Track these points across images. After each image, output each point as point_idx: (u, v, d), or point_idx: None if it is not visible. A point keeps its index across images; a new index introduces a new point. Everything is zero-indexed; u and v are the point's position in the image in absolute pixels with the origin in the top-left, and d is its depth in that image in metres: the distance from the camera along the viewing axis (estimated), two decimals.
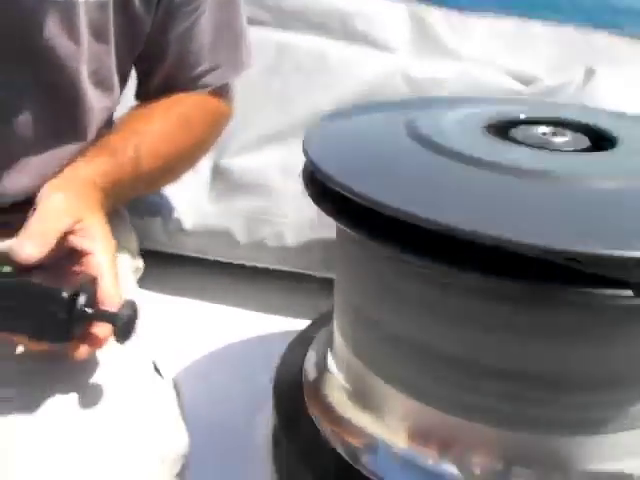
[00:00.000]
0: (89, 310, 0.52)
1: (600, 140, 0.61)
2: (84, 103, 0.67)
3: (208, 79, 0.78)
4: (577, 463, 0.58)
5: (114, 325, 0.52)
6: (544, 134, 0.61)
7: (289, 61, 1.06)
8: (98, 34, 0.66)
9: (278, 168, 0.98)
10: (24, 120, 0.65)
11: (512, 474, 0.59)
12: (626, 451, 0.58)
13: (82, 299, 0.52)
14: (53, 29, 0.63)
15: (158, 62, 0.75)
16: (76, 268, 0.55)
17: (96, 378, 0.59)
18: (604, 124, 0.63)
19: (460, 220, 0.49)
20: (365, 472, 0.62)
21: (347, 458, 0.63)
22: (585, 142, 0.61)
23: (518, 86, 1.02)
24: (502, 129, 0.63)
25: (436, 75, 1.03)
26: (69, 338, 0.52)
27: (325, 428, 0.65)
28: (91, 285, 0.53)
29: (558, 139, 0.60)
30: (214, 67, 0.78)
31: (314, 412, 0.67)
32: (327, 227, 0.93)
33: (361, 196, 0.54)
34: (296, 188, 0.96)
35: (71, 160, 0.66)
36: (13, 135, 0.65)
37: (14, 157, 0.66)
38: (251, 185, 0.97)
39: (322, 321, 0.77)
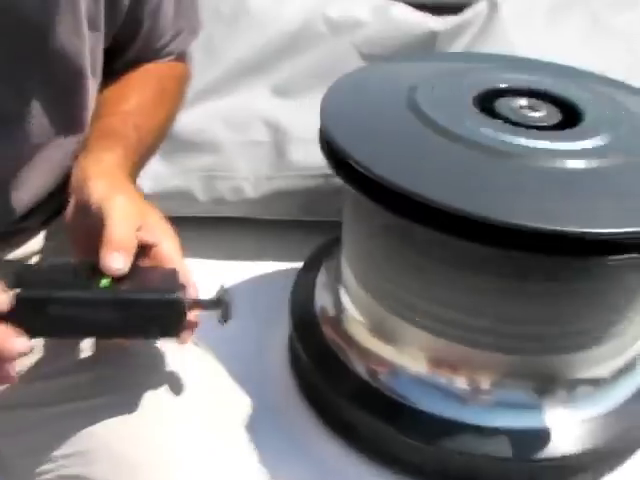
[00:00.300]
0: (196, 301, 0.59)
1: (570, 112, 0.76)
2: (87, 95, 0.71)
3: (172, 47, 0.82)
4: (561, 375, 0.75)
5: (219, 309, 0.59)
6: (522, 107, 0.76)
7: (208, 10, 1.11)
8: (93, 25, 0.69)
9: (220, 121, 1.05)
10: (36, 120, 0.68)
11: (510, 387, 0.74)
12: (597, 362, 0.76)
13: (183, 294, 0.58)
14: (61, 27, 0.66)
15: (131, 39, 0.78)
16: (147, 261, 0.60)
17: (159, 367, 0.67)
18: (574, 94, 0.78)
19: (449, 197, 0.65)
20: (386, 391, 0.76)
21: (368, 380, 0.77)
22: (557, 116, 0.76)
23: (432, 22, 1.13)
24: (487, 100, 0.77)
25: (354, 15, 1.12)
26: (179, 332, 0.59)
27: (345, 356, 0.79)
28: (175, 276, 0.59)
29: (534, 114, 0.75)
30: (176, 34, 0.82)
31: (333, 342, 0.81)
32: (284, 178, 1.04)
33: (367, 170, 0.68)
34: (241, 139, 1.06)
35: (75, 152, 0.70)
36: (26, 136, 0.68)
37: (27, 159, 0.69)
38: (198, 143, 1.04)
39: (317, 259, 0.91)
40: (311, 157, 1.02)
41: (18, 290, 0.55)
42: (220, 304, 0.59)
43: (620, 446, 0.78)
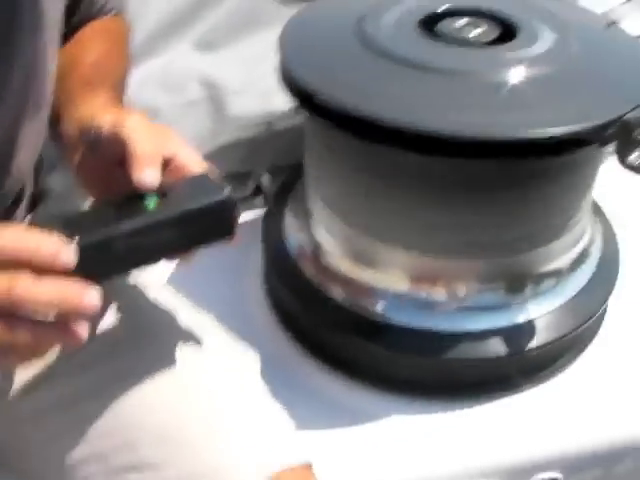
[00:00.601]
0: (243, 195, 0.63)
1: (508, 27, 0.83)
2: (52, 64, 0.72)
3: (109, 4, 0.85)
4: (527, 272, 0.83)
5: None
6: (462, 27, 0.82)
7: None
8: None
9: (153, 85, 1.07)
10: (13, 94, 0.68)
11: (485, 291, 0.83)
12: (557, 255, 0.85)
13: (229, 191, 0.60)
14: None
15: (78, 2, 0.80)
16: (170, 174, 0.61)
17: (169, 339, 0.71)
18: (512, 11, 0.85)
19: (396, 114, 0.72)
20: (372, 315, 0.82)
21: (353, 307, 0.83)
22: (495, 31, 0.83)
23: None
24: (430, 24, 0.83)
25: None
26: (234, 230, 0.61)
27: (327, 288, 0.85)
28: (210, 178, 0.60)
29: (473, 31, 0.82)
30: None
31: (314, 277, 0.87)
32: (227, 132, 1.07)
33: (322, 98, 0.75)
34: (179, 101, 1.08)
35: (40, 130, 0.72)
36: (6, 112, 0.68)
37: (7, 137, 0.69)
38: (137, 110, 1.05)
39: (278, 202, 0.95)
40: (249, 107, 1.07)
41: (76, 238, 0.54)
42: (263, 190, 0.62)
43: (588, 327, 0.88)
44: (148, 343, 0.71)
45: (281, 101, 1.01)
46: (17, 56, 0.66)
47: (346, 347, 0.85)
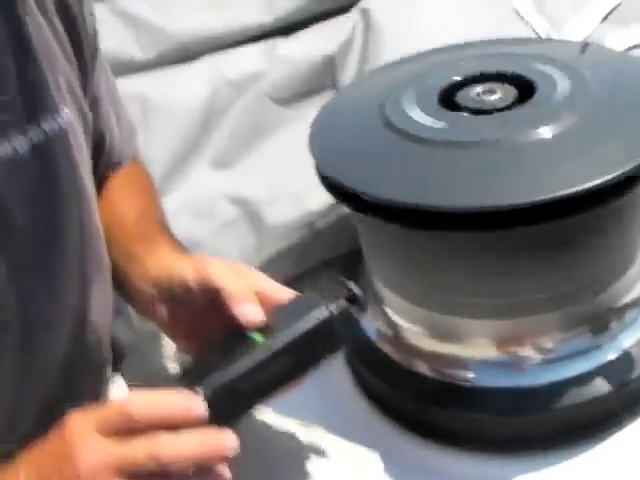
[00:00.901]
0: (343, 308, 0.64)
1: (524, 87, 0.86)
2: (95, 221, 0.75)
3: (126, 151, 0.88)
4: (609, 307, 0.86)
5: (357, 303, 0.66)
6: (479, 94, 0.86)
7: None
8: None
9: (185, 215, 1.10)
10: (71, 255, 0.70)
11: (571, 337, 0.85)
12: (633, 282, 0.87)
13: (329, 305, 0.63)
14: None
15: (99, 153, 0.82)
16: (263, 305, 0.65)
17: None
18: (526, 69, 0.88)
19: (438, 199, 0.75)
20: (462, 384, 0.85)
21: (439, 379, 0.86)
22: (513, 93, 0.86)
23: (320, 48, 1.23)
24: (449, 96, 0.87)
25: (250, 68, 1.20)
26: (342, 342, 0.65)
27: (408, 362, 0.88)
28: (303, 297, 0.65)
29: (491, 97, 0.85)
30: (126, 137, 0.88)
31: (395, 355, 0.89)
32: (271, 243, 1.11)
33: (356, 192, 0.78)
34: (214, 225, 1.11)
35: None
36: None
37: (87, 295, 0.72)
38: None
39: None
40: (286, 214, 1.10)
41: (198, 389, 0.57)
42: (358, 298, 0.66)
43: None
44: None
45: (315, 199, 1.06)
46: (66, 223, 0.70)
47: (449, 420, 0.86)
